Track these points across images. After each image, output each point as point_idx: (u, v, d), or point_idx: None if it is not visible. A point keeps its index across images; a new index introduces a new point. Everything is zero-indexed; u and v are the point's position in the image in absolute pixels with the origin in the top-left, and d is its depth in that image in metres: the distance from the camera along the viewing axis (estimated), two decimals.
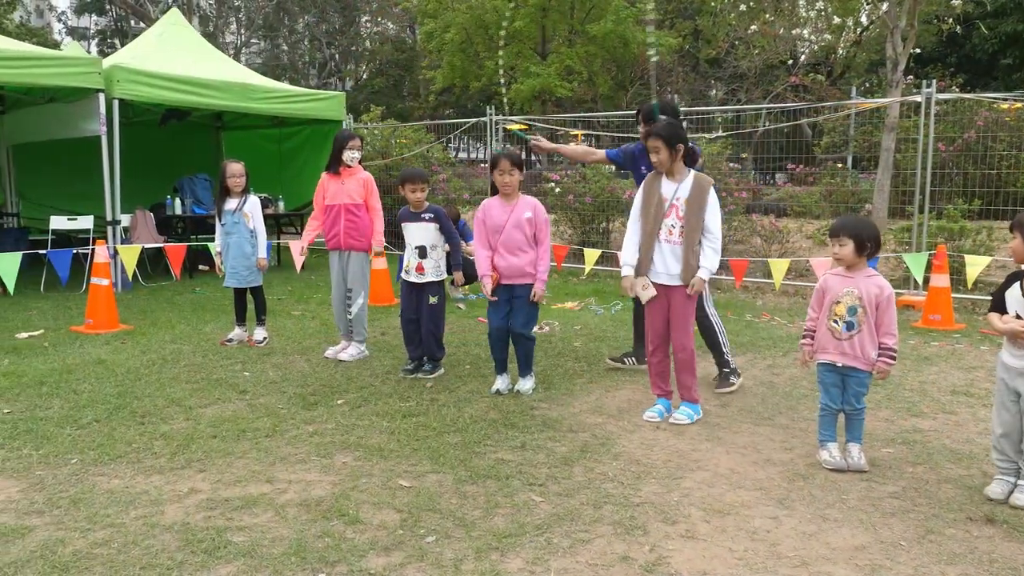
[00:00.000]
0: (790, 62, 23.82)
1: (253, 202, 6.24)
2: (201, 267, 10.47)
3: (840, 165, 14.01)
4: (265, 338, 6.34)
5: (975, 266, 7.65)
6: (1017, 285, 3.33)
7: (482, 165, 21.26)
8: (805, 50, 25.59)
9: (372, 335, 6.52)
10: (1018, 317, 3.31)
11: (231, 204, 6.18)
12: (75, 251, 7.87)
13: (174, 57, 10.12)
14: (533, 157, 23.03)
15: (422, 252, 5.30)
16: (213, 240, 6.42)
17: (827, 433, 3.87)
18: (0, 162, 11.31)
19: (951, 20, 16.06)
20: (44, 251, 7.72)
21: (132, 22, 31.86)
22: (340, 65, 34.89)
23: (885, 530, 3.08)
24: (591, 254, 8.75)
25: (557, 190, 11.13)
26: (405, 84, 33.44)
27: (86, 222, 9.42)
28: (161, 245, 9.08)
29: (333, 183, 5.83)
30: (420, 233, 5.31)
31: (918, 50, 19.61)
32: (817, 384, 3.95)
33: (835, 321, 3.81)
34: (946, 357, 6.02)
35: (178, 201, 10.61)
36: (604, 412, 4.60)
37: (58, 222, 9.37)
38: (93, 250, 7.13)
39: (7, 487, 3.41)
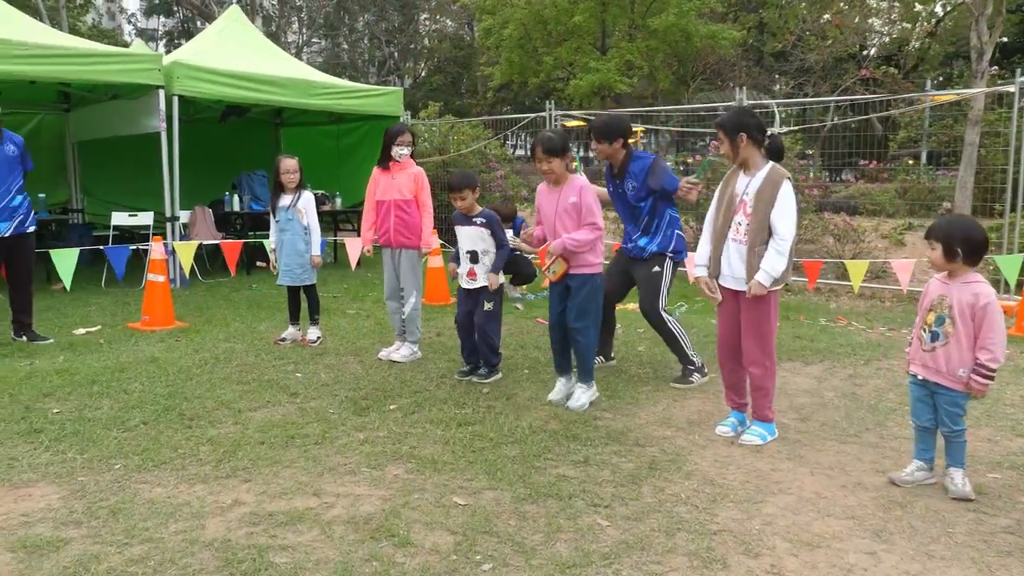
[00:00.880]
0: (863, 53, 22.90)
1: (307, 198, 6.08)
2: (259, 263, 10.44)
3: (912, 161, 13.31)
4: (319, 338, 6.18)
5: None
6: None
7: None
8: (875, 42, 24.61)
9: (427, 336, 6.31)
10: None
11: (285, 200, 6.03)
12: (134, 247, 7.87)
13: (234, 53, 10.10)
14: (591, 154, 22.67)
15: (473, 257, 5.04)
16: (270, 237, 6.29)
17: (917, 450, 3.51)
18: (66, 159, 11.50)
19: None
20: (103, 247, 7.72)
21: (198, 23, 32.48)
22: (399, 63, 35.01)
23: (1002, 572, 2.71)
24: None
25: None
26: (463, 81, 33.35)
27: (146, 218, 9.46)
28: (218, 241, 9.06)
29: (384, 178, 5.64)
30: (471, 237, 5.04)
31: (1004, 39, 18.59)
32: None
33: (924, 330, 3.44)
34: None
35: (236, 197, 10.61)
36: (673, 424, 4.28)
37: (119, 218, 9.43)
38: (151, 246, 7.10)
39: (48, 494, 3.27)
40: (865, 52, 23.26)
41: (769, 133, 3.90)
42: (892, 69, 19.57)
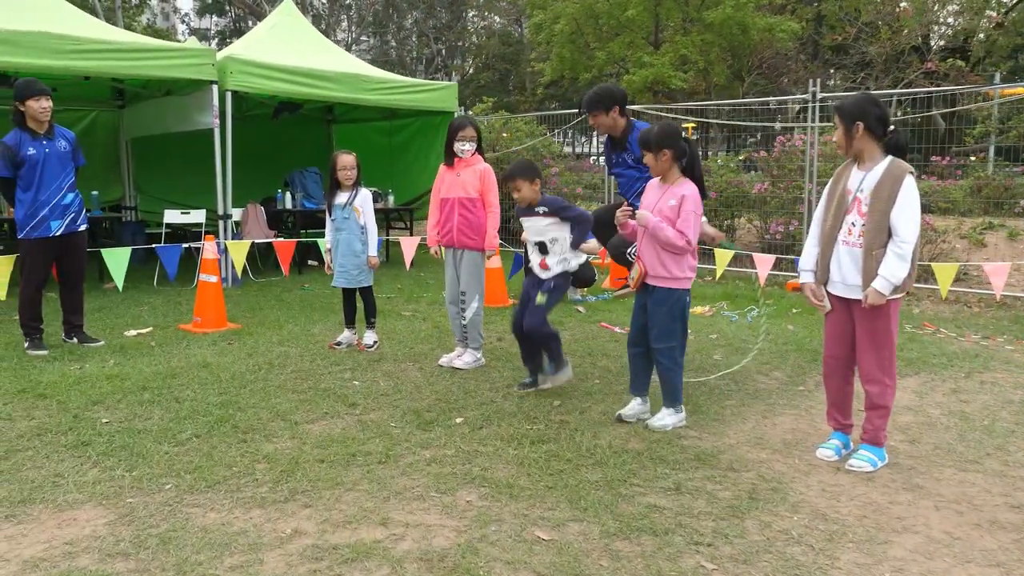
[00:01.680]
0: (935, 43, 21.98)
1: (364, 196, 5.80)
2: (310, 262, 10.25)
3: (974, 157, 12.58)
4: (375, 342, 5.90)
5: None
6: None
7: (591, 159, 20.50)
8: (939, 34, 23.61)
9: (488, 341, 5.98)
10: None
11: (341, 198, 5.76)
12: (185, 246, 7.69)
13: (287, 49, 9.90)
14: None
15: (542, 248, 4.70)
16: (322, 235, 6.02)
17: None
18: (119, 156, 11.46)
19: None
20: (155, 246, 7.55)
21: (249, 23, 32.71)
22: (447, 60, 34.86)
23: None
24: (722, 255, 7.96)
25: None
26: (511, 78, 33.04)
27: (198, 216, 9.32)
28: (271, 240, 8.87)
29: (449, 175, 5.33)
30: (537, 228, 4.70)
31: None
32: None
33: None
34: None
35: (288, 195, 10.43)
36: (766, 445, 3.89)
37: (172, 215, 9.31)
38: (203, 245, 6.90)
39: (94, 518, 3.01)
40: (926, 46, 22.33)
41: (892, 127, 3.45)
42: (959, 62, 18.69)
